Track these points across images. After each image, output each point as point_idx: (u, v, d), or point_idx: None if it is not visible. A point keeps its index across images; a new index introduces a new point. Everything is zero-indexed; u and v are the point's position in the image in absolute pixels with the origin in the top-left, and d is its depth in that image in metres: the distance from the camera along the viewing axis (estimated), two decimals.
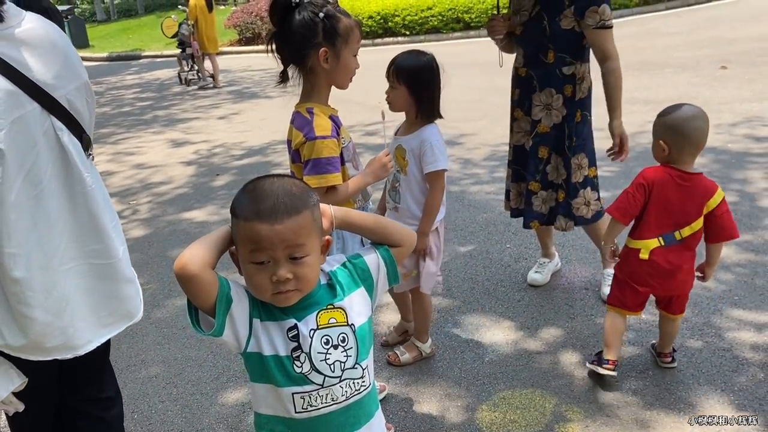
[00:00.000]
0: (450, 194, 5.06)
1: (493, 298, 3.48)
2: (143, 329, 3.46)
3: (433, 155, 2.61)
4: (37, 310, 1.51)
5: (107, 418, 1.97)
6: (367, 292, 1.42)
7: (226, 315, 1.29)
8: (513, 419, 2.56)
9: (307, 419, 1.35)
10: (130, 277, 1.75)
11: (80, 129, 1.59)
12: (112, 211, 1.72)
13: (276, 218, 1.22)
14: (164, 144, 7.60)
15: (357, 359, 1.36)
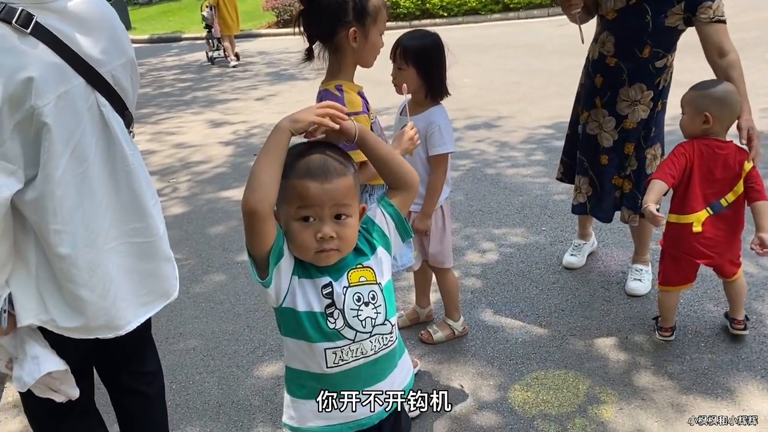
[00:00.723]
0: (486, 177, 5.04)
1: (528, 280, 3.46)
2: (181, 303, 3.54)
3: (441, 138, 2.60)
4: (83, 288, 1.51)
5: (150, 392, 2.00)
6: (385, 250, 1.46)
7: (276, 267, 1.34)
8: (546, 399, 2.55)
9: (337, 373, 1.41)
10: (168, 255, 1.75)
11: (123, 106, 1.58)
12: (152, 189, 1.72)
13: (326, 177, 1.30)
14: (203, 124, 7.70)
15: (386, 316, 1.41)
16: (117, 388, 1.94)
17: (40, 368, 1.52)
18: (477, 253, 3.83)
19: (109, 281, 1.56)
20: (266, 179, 1.27)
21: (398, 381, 1.51)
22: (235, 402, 2.71)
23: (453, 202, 4.49)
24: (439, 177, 2.67)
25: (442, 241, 2.80)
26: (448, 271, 2.91)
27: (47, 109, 1.37)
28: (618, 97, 2.98)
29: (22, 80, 1.33)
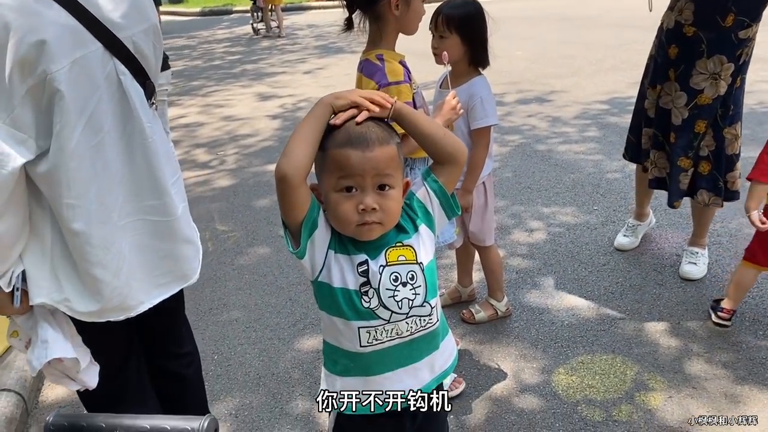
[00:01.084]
0: (536, 153, 4.90)
1: (577, 261, 3.35)
2: (226, 275, 3.57)
3: (483, 110, 2.51)
4: (96, 267, 1.43)
5: (186, 374, 1.93)
6: (429, 228, 1.39)
7: (309, 239, 1.30)
8: (591, 384, 2.47)
9: (371, 352, 1.36)
10: (188, 237, 1.64)
11: (144, 75, 1.47)
12: (173, 166, 1.62)
13: (368, 145, 1.24)
14: (252, 97, 7.73)
15: (425, 297, 1.34)
16: (153, 370, 1.86)
17: (47, 353, 1.45)
18: (524, 232, 3.73)
19: (121, 259, 1.47)
20: (301, 147, 1.24)
21: (439, 363, 1.44)
22: (275, 374, 2.72)
23: (500, 179, 4.39)
24: (481, 151, 2.58)
25: (484, 218, 2.72)
26: (491, 248, 2.83)
27: (61, 74, 1.28)
28: (694, 70, 2.79)
29: (34, 43, 1.24)
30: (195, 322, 3.15)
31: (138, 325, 1.67)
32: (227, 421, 2.48)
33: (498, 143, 5.13)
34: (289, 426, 2.42)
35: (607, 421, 2.29)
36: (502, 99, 6.30)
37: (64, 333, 1.49)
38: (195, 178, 5.16)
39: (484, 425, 2.33)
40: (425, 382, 1.42)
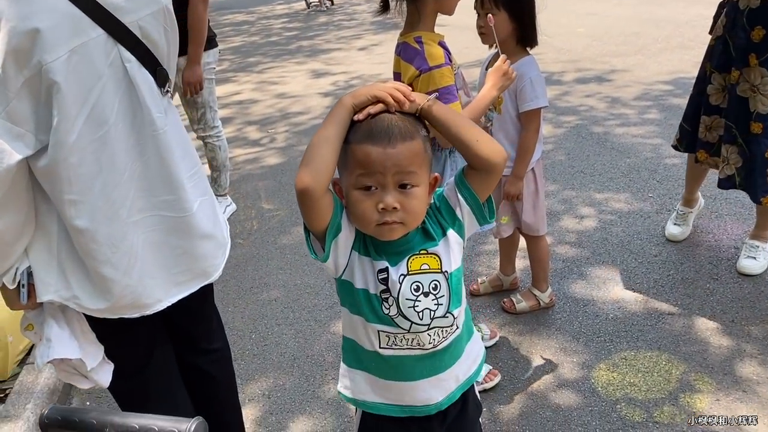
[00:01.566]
0: (591, 135, 4.72)
1: (627, 251, 3.20)
2: (268, 254, 3.59)
3: (533, 91, 2.39)
4: (104, 266, 1.37)
5: (213, 371, 1.87)
6: (457, 233, 1.30)
7: (333, 241, 1.25)
8: (632, 382, 2.36)
9: (391, 356, 1.31)
10: (207, 232, 1.55)
11: (154, 62, 1.40)
12: (191, 158, 1.54)
13: (389, 141, 1.16)
14: (305, 74, 7.73)
15: (448, 308, 1.27)
16: (183, 366, 1.81)
17: (50, 353, 1.41)
18: (574, 218, 3.59)
19: (133, 257, 1.41)
20: (322, 155, 1.17)
21: (464, 370, 1.38)
22: (309, 356, 2.72)
23: (552, 162, 4.25)
24: (532, 135, 2.47)
25: (536, 206, 2.62)
26: (542, 238, 2.73)
27: (56, 65, 1.21)
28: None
29: (27, 31, 1.17)
30: (235, 300, 3.19)
31: (165, 322, 1.64)
32: (260, 401, 2.50)
33: (552, 124, 4.96)
34: (319, 410, 2.41)
35: (647, 422, 2.18)
36: (560, 78, 6.09)
37: (73, 331, 1.46)
38: (245, 155, 5.20)
39: (517, 420, 2.27)
40: (450, 391, 1.37)
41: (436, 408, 1.36)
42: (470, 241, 3.43)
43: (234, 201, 4.21)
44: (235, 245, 3.73)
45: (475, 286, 3.01)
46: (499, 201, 2.61)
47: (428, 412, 1.36)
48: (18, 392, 2.42)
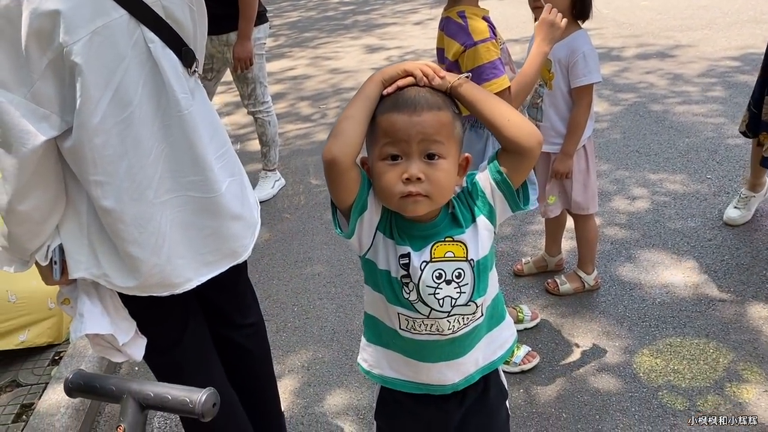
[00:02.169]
0: (650, 114, 4.55)
1: (680, 234, 3.09)
2: (314, 228, 3.63)
3: (585, 66, 2.31)
4: (132, 245, 1.39)
5: (249, 345, 1.89)
6: (488, 220, 1.26)
7: (358, 219, 1.24)
8: (677, 369, 2.30)
9: (410, 339, 1.30)
10: (236, 213, 1.55)
11: (179, 42, 1.39)
12: (219, 139, 1.53)
13: (415, 109, 1.14)
14: (360, 49, 7.70)
15: (472, 296, 1.25)
16: (218, 340, 1.84)
17: (82, 327, 1.44)
18: (625, 199, 3.48)
19: (161, 237, 1.42)
20: (350, 128, 1.17)
21: (485, 355, 1.35)
22: (349, 331, 2.75)
23: (606, 141, 4.12)
24: (583, 112, 2.41)
25: (587, 185, 2.56)
26: (590, 218, 2.67)
27: (78, 47, 1.21)
28: None
29: (48, 13, 1.18)
30: (280, 273, 3.25)
31: (198, 298, 1.66)
32: (299, 372, 2.55)
33: (609, 102, 4.80)
34: (356, 384, 2.44)
35: (690, 411, 2.12)
36: (619, 53, 5.87)
37: (105, 307, 1.49)
38: (296, 131, 5.25)
39: (554, 402, 2.24)
40: (468, 374, 1.35)
41: (453, 388, 1.34)
42: (516, 221, 3.38)
43: (283, 176, 4.27)
44: (282, 219, 3.80)
45: (519, 266, 2.97)
46: (547, 179, 2.56)
47: (444, 391, 1.35)
48: (71, 355, 2.54)
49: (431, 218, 1.23)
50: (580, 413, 2.18)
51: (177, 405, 0.89)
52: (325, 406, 2.36)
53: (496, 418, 1.45)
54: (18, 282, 2.48)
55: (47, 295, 2.56)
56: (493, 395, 1.42)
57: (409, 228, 1.24)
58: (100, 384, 0.95)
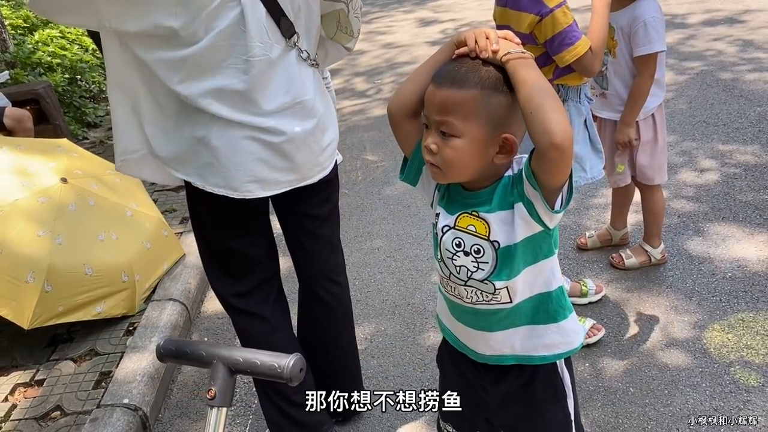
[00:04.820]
0: (718, 82, 4.37)
1: (751, 207, 2.98)
2: (372, 204, 3.65)
3: (646, 35, 2.24)
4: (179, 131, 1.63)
5: (332, 302, 2.04)
6: (526, 210, 1.17)
7: (419, 171, 1.32)
8: (750, 345, 2.23)
9: (445, 294, 1.36)
10: (286, 152, 1.69)
11: (279, 11, 1.57)
12: (297, 92, 1.67)
13: (441, 84, 1.16)
14: (413, 23, 7.63)
15: (490, 276, 1.22)
16: (309, 294, 2.04)
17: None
18: (693, 171, 3.38)
19: (207, 135, 1.61)
20: (408, 86, 1.26)
21: (523, 346, 1.31)
22: (410, 304, 2.77)
23: (672, 111, 4.00)
24: (645, 82, 2.34)
25: (653, 155, 2.49)
26: (657, 189, 2.60)
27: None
28: None
29: None
30: None
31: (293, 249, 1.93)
32: (362, 344, 2.58)
33: (674, 71, 4.63)
34: (419, 356, 2.47)
35: (764, 387, 2.06)
36: (683, 21, 5.64)
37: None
38: (352, 107, 5.26)
39: (621, 376, 2.21)
40: (500, 353, 1.33)
41: (483, 359, 1.35)
42: (579, 194, 3.32)
43: (340, 152, 4.29)
44: (341, 195, 3.82)
45: (582, 240, 2.92)
46: (613, 149, 2.50)
47: (475, 358, 1.37)
48: (144, 326, 2.64)
49: (476, 188, 1.23)
50: (649, 388, 2.15)
51: (266, 370, 0.92)
52: (389, 377, 2.39)
53: (541, 415, 1.39)
54: (94, 256, 2.58)
55: (121, 268, 2.66)
56: (540, 390, 1.36)
57: (455, 191, 1.27)
58: (190, 350, 0.98)
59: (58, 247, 2.50)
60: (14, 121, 3.53)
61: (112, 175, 3.00)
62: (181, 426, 2.33)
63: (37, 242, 2.48)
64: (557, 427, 1.40)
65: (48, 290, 2.44)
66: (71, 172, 2.76)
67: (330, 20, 1.79)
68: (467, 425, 1.52)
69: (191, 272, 3.01)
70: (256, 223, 1.88)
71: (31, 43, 5.31)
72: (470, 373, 1.41)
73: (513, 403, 1.38)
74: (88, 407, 2.28)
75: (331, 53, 1.91)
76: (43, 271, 2.43)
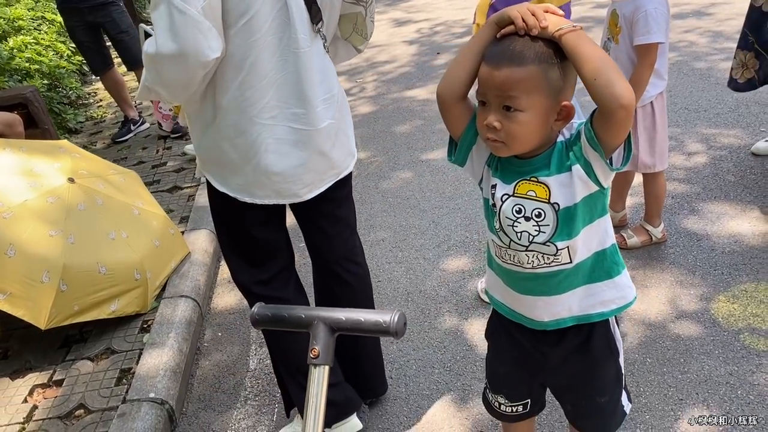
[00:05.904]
0: (694, 71, 4.54)
1: (740, 186, 3.11)
2: (371, 197, 3.69)
3: (646, 25, 2.33)
4: (225, 141, 1.66)
5: (355, 283, 2.07)
6: (584, 171, 1.23)
7: (468, 151, 1.36)
8: (755, 313, 2.34)
9: (501, 266, 1.39)
10: (324, 150, 1.74)
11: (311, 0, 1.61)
12: (328, 85, 1.71)
13: (497, 63, 1.19)
14: (388, 23, 7.70)
15: (552, 237, 1.28)
16: (326, 275, 2.07)
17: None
18: (682, 155, 3.50)
19: (253, 149, 1.65)
20: (456, 69, 1.27)
21: (581, 306, 1.36)
22: (422, 291, 2.82)
23: None
24: (644, 71, 2.43)
25: (653, 143, 2.58)
26: (660, 174, 2.70)
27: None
28: None
29: None
30: None
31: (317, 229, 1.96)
32: None
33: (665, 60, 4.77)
34: (438, 339, 2.51)
35: None
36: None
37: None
38: None
39: (636, 348, 2.29)
40: (559, 317, 1.37)
41: (541, 326, 1.39)
42: None
43: None
44: None
45: None
46: None
47: (533, 326, 1.40)
48: (159, 323, 2.63)
49: (530, 156, 1.28)
50: (665, 357, 2.23)
51: (371, 326, 0.95)
52: (410, 361, 2.44)
53: (598, 370, 1.45)
54: (107, 255, 2.57)
55: (133, 266, 2.65)
56: (597, 346, 1.41)
57: (509, 162, 1.31)
58: (288, 314, 1.01)
59: (71, 246, 2.48)
60: (5, 126, 3.47)
61: (116, 174, 2.98)
62: (206, 418, 2.34)
63: (50, 242, 2.45)
64: (611, 381, 1.47)
65: (63, 289, 2.42)
66: (77, 172, 2.74)
67: (347, 21, 1.83)
68: (520, 393, 1.57)
69: (199, 269, 3.01)
70: (279, 212, 1.91)
71: (7, 49, 5.21)
72: (527, 341, 1.45)
73: (571, 363, 1.43)
74: (113, 403, 2.27)
75: (341, 53, 1.94)
76: (58, 271, 2.40)
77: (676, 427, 1.97)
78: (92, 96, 6.40)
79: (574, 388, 1.50)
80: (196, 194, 3.82)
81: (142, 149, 4.78)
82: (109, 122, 5.54)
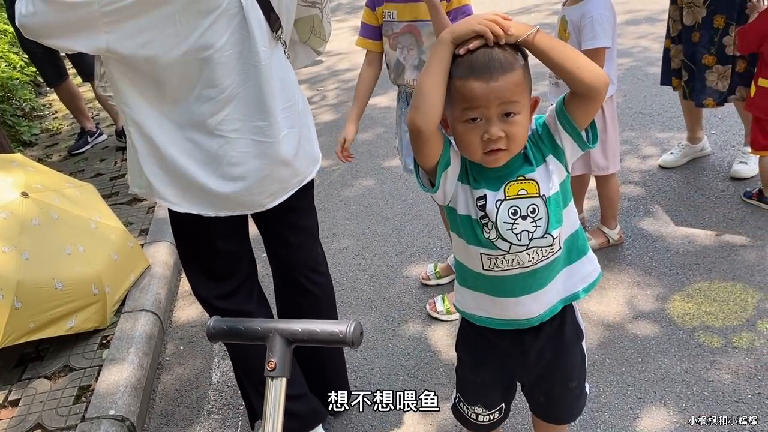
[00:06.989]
0: (647, 76, 4.65)
1: (693, 188, 3.20)
2: (334, 206, 3.69)
3: (592, 31, 2.39)
4: (184, 157, 1.62)
5: (318, 292, 2.07)
6: (557, 159, 1.33)
7: (443, 174, 1.34)
8: (709, 311, 2.41)
9: (493, 277, 1.39)
10: (287, 159, 1.72)
11: (269, 7, 1.59)
12: (288, 93, 1.70)
13: (491, 75, 1.20)
14: (348, 31, 7.71)
15: (547, 229, 1.33)
16: (289, 285, 2.06)
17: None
18: (637, 158, 3.59)
19: (216, 163, 1.63)
20: (430, 97, 1.23)
21: (566, 285, 1.42)
22: (386, 298, 2.83)
23: None
24: None
25: (605, 145, 2.64)
26: (612, 176, 2.76)
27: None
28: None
29: None
30: None
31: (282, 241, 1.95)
32: None
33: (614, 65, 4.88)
34: (402, 346, 2.52)
35: (727, 348, 2.23)
36: None
37: None
38: None
39: (596, 350, 2.33)
40: (552, 304, 1.42)
41: (539, 319, 1.43)
42: None
43: None
44: None
45: None
46: None
47: (530, 324, 1.43)
48: (119, 338, 2.58)
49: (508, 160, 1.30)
50: (623, 357, 2.28)
51: (326, 337, 0.96)
52: (374, 368, 2.44)
53: (570, 355, 1.53)
54: (63, 270, 2.51)
55: (91, 280, 2.59)
56: (568, 332, 1.50)
57: (484, 170, 1.32)
58: (244, 326, 1.01)
59: (25, 262, 2.42)
60: None
61: (71, 188, 2.92)
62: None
63: (3, 259, 2.39)
64: (579, 365, 1.54)
65: (18, 307, 2.36)
66: (31, 187, 2.68)
67: (304, 25, 1.84)
68: (496, 399, 1.60)
69: (159, 283, 2.97)
70: (242, 223, 1.90)
71: None
72: (508, 341, 1.48)
73: (546, 351, 1.48)
74: (72, 422, 2.22)
75: (301, 57, 1.95)
76: (12, 288, 2.34)
77: (635, 426, 2.02)
78: (47, 107, 6.26)
79: (548, 377, 1.54)
80: (155, 206, 3.76)
81: (100, 161, 4.70)
82: (65, 134, 5.43)
